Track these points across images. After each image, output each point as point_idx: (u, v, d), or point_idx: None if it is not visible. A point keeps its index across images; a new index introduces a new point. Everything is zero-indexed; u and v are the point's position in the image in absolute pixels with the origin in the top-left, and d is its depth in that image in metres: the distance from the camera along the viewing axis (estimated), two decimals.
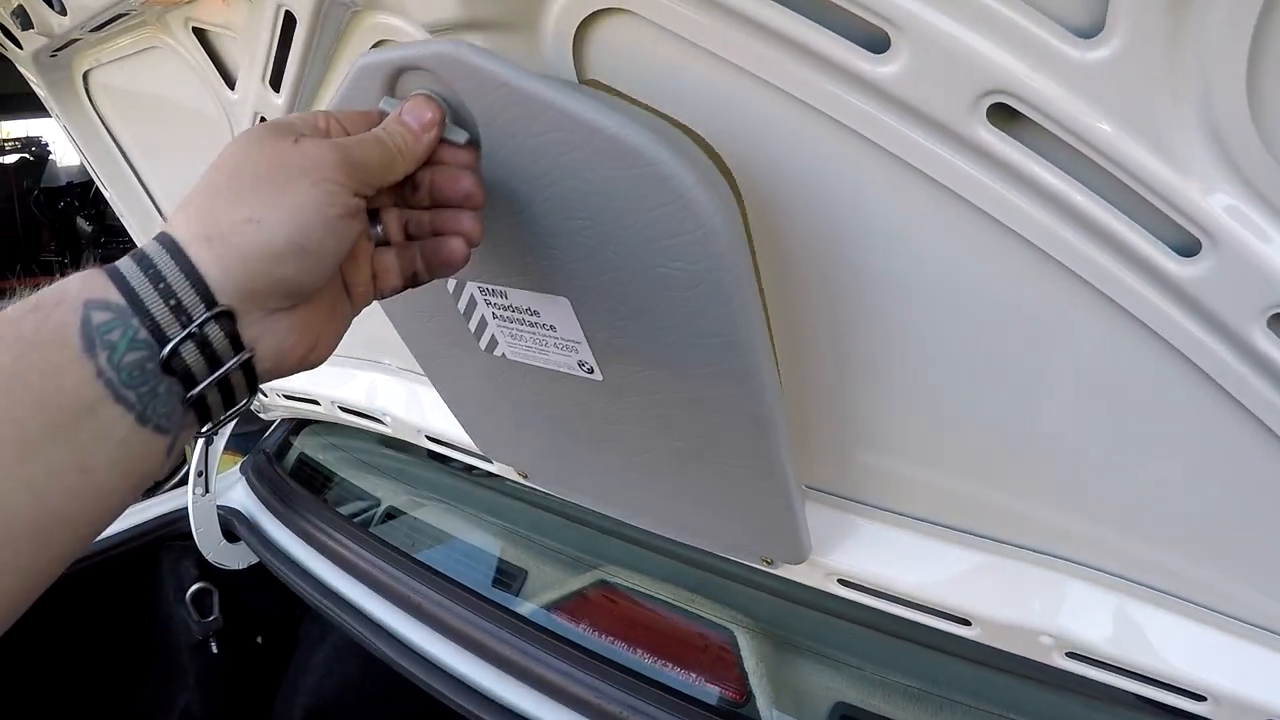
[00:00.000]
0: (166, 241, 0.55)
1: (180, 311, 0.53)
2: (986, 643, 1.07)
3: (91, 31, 1.29)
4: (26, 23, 1.31)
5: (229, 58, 1.20)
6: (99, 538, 1.70)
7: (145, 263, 0.53)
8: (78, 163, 1.60)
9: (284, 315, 0.59)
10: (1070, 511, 0.92)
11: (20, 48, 1.44)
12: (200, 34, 1.19)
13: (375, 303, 1.02)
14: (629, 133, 0.66)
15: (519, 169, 0.74)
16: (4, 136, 8.86)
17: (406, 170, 0.66)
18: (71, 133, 1.68)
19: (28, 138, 8.82)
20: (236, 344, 0.56)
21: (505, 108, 0.69)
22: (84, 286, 0.52)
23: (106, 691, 2.23)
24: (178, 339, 0.53)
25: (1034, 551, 0.99)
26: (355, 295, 0.67)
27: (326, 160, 0.59)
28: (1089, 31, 0.55)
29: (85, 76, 1.56)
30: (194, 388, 0.55)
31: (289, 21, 0.98)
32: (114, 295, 0.52)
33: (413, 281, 0.71)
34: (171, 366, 0.53)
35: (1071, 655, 1.00)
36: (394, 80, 0.73)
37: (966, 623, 1.06)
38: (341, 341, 1.69)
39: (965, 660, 1.29)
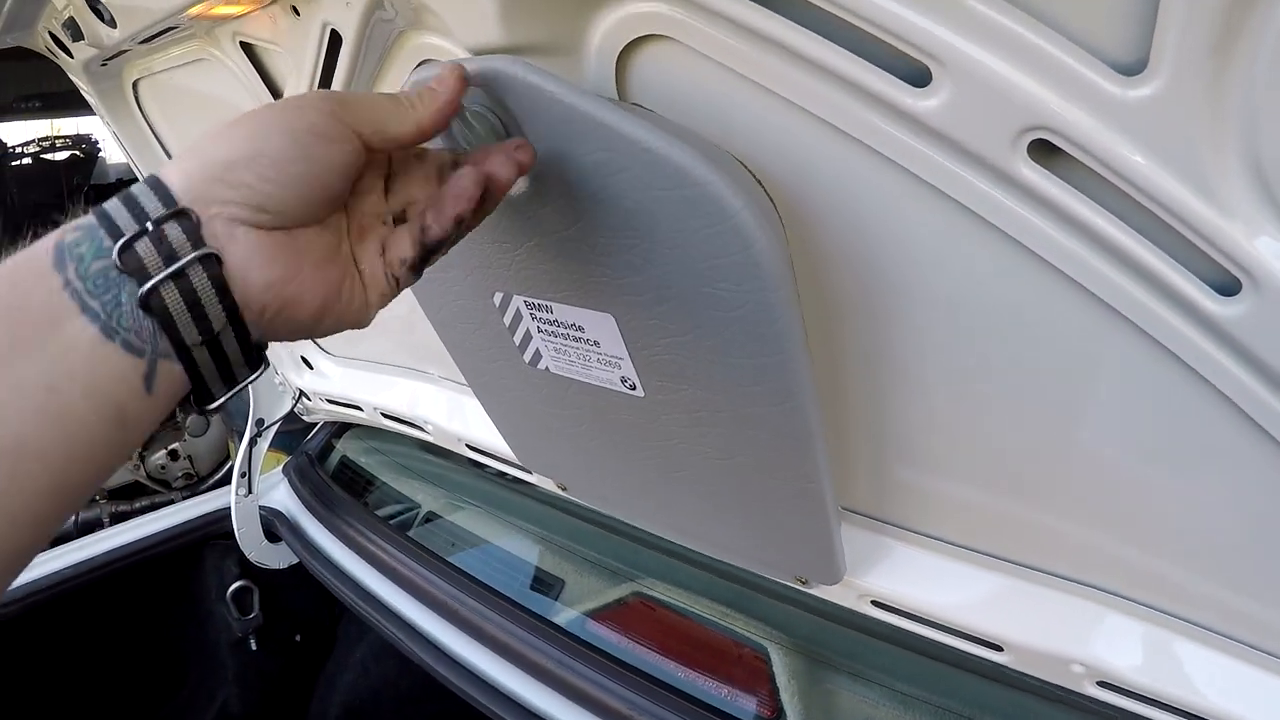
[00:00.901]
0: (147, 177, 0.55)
1: (141, 216, 0.52)
2: (1018, 669, 1.06)
3: (141, 43, 1.31)
4: (77, 34, 1.34)
5: (275, 71, 1.22)
6: (145, 534, 1.72)
7: (124, 194, 0.54)
8: (126, 160, 1.62)
9: (252, 231, 0.56)
10: (1105, 540, 0.91)
11: (71, 57, 1.47)
12: (248, 48, 1.21)
13: (423, 316, 1.03)
14: (679, 154, 0.66)
15: (571, 186, 0.74)
16: (55, 134, 8.95)
17: (417, 127, 0.64)
18: (120, 138, 1.71)
19: (78, 135, 8.89)
20: (196, 243, 0.53)
21: (558, 125, 0.70)
22: (69, 224, 0.52)
23: (148, 684, 2.27)
24: (131, 234, 0.51)
25: (1067, 580, 0.98)
26: (365, 275, 0.64)
27: (310, 95, 0.59)
28: (1132, 69, 0.55)
29: (135, 85, 1.59)
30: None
31: (335, 40, 0.99)
32: (88, 220, 0.52)
33: (422, 242, 0.66)
34: (125, 264, 0.51)
35: (1102, 684, 0.99)
36: None
37: (998, 648, 1.06)
38: (386, 350, 1.70)
39: (996, 683, 1.28)
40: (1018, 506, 0.95)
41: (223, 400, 0.58)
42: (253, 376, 0.60)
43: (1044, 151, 0.62)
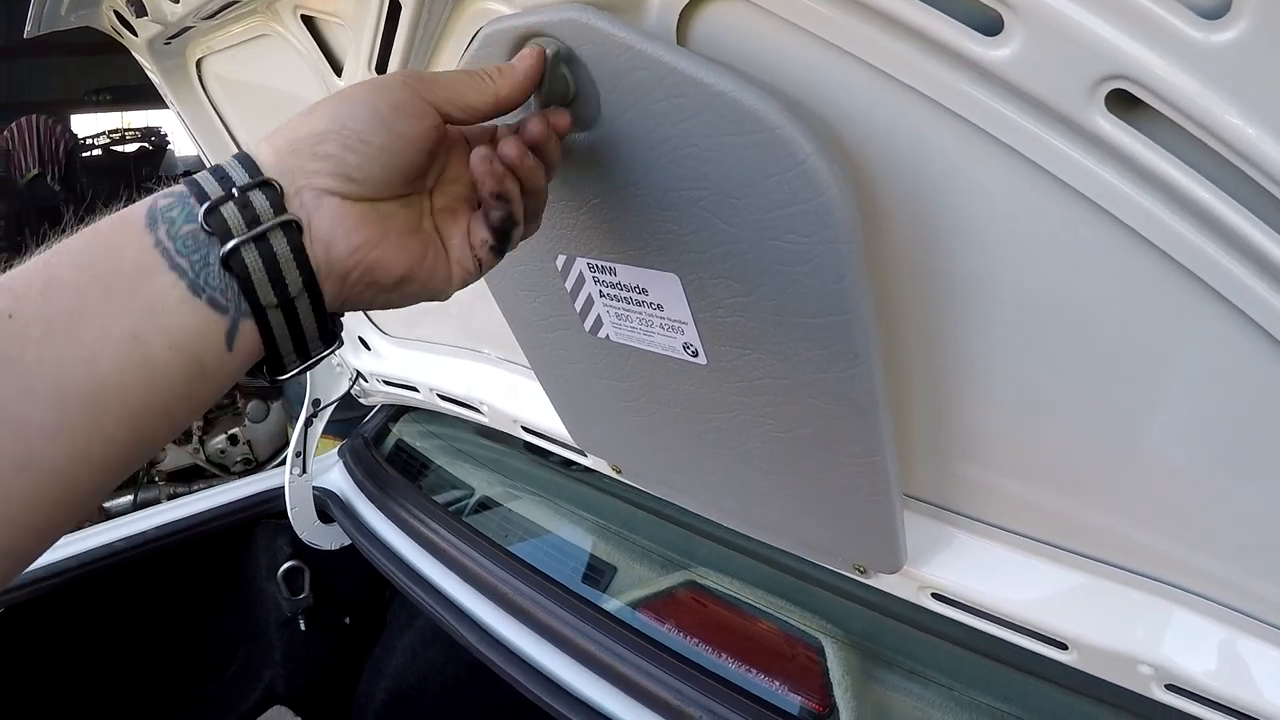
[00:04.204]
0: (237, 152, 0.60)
1: (227, 184, 0.57)
2: (1082, 669, 1.03)
3: (204, 20, 1.33)
4: (141, 10, 1.35)
5: (336, 45, 1.23)
6: (198, 510, 1.74)
7: (214, 167, 0.59)
8: (195, 153, 1.67)
9: (337, 200, 0.61)
10: (1180, 535, 0.88)
11: (135, 35, 1.48)
12: (309, 21, 1.22)
13: (481, 298, 1.03)
14: (751, 97, 0.66)
15: (637, 137, 0.74)
16: (124, 127, 9.12)
17: (495, 98, 0.68)
18: (185, 118, 1.73)
19: (147, 128, 9.06)
20: (280, 212, 0.58)
21: (628, 72, 0.70)
22: (160, 192, 0.57)
23: (196, 661, 2.30)
24: (217, 199, 0.56)
25: (1139, 575, 0.95)
26: (453, 254, 0.69)
27: (394, 75, 0.65)
28: (1214, 12, 0.52)
29: (198, 64, 1.61)
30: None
31: (394, 8, 0.99)
32: (180, 187, 0.57)
33: (488, 225, 0.71)
34: (210, 225, 0.56)
35: (1171, 688, 0.96)
36: (519, 48, 0.74)
37: (1063, 646, 1.03)
38: (443, 331, 1.71)
39: (1058, 686, 1.25)
40: (1088, 498, 0.92)
41: (294, 373, 0.63)
42: (327, 351, 0.64)
43: (1122, 103, 0.59)
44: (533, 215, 0.73)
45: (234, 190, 0.57)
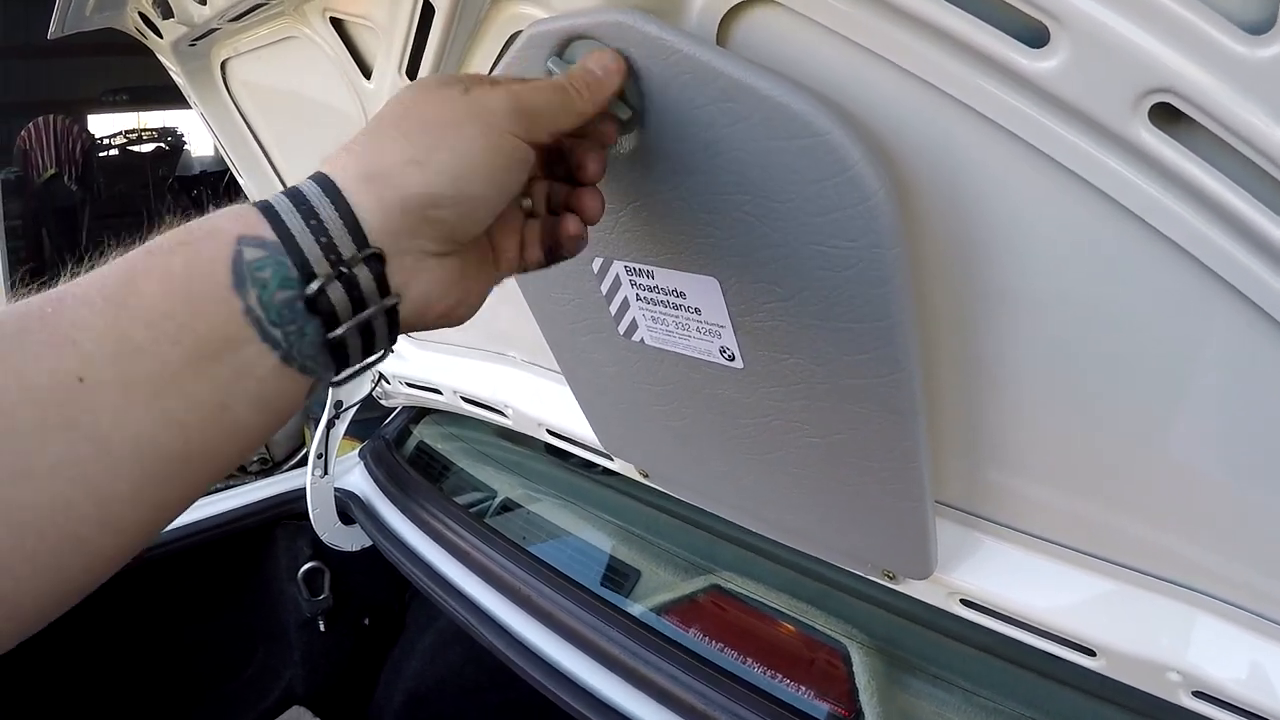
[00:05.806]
0: (322, 180, 0.55)
1: (330, 250, 0.53)
2: (1110, 675, 1.03)
3: (230, 21, 1.32)
4: (167, 12, 1.34)
5: (366, 48, 1.22)
6: (219, 511, 1.74)
7: (298, 199, 0.54)
8: (211, 153, 1.66)
9: (435, 262, 0.59)
10: (1210, 542, 0.88)
11: (160, 37, 1.47)
12: (337, 24, 1.21)
13: (506, 300, 1.03)
14: (801, 103, 0.66)
15: (682, 142, 0.74)
16: (141, 127, 9.14)
17: (580, 119, 0.67)
18: (209, 121, 1.72)
19: (164, 128, 9.07)
20: (384, 288, 0.56)
21: (675, 76, 0.70)
22: (237, 222, 0.52)
23: (215, 661, 2.30)
24: (325, 278, 0.52)
25: (1168, 582, 0.95)
26: (501, 262, 0.68)
27: (498, 107, 0.60)
28: (1259, 27, 0.52)
29: (223, 66, 1.60)
30: (336, 328, 0.54)
31: (427, 12, 0.99)
32: (268, 233, 0.52)
33: (551, 256, 0.71)
34: (316, 306, 0.53)
35: (1199, 695, 0.96)
36: (561, 51, 0.74)
37: (1091, 653, 1.03)
38: (468, 334, 1.70)
39: (1084, 693, 1.25)
40: (1118, 506, 0.92)
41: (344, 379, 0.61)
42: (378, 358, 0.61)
43: (1166, 116, 0.58)
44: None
45: (343, 269, 0.53)
